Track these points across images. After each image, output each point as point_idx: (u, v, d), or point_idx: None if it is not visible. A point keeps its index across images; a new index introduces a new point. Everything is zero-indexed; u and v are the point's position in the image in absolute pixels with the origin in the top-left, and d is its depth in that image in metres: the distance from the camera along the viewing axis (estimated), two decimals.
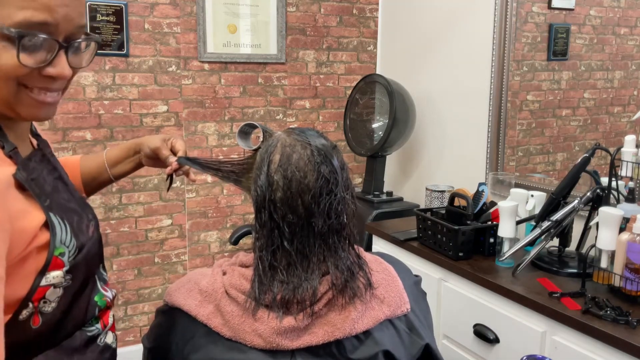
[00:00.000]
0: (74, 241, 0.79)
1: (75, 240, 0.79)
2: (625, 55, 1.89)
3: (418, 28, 2.69)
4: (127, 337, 2.62)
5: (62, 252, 0.77)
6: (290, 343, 0.90)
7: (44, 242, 0.74)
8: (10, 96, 0.73)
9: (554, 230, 1.53)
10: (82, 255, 0.80)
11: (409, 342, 0.98)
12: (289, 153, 0.92)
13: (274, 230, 0.91)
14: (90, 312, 0.88)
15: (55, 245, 0.75)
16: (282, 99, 2.80)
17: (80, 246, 0.80)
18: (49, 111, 0.78)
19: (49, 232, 0.75)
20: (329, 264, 0.92)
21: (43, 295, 0.76)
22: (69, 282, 0.79)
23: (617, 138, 1.92)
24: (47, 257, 0.74)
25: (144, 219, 2.58)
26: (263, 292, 0.90)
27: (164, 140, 1.15)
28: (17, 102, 0.74)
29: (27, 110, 0.76)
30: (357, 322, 0.92)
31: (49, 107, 0.77)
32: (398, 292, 0.99)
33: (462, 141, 2.45)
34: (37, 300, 0.76)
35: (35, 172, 0.78)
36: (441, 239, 1.75)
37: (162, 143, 1.15)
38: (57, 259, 0.76)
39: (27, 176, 0.75)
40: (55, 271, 0.76)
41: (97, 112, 2.44)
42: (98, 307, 0.89)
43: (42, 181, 0.78)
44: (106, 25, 2.38)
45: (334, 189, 0.92)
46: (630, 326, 1.23)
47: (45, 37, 0.70)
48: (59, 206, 0.79)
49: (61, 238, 0.77)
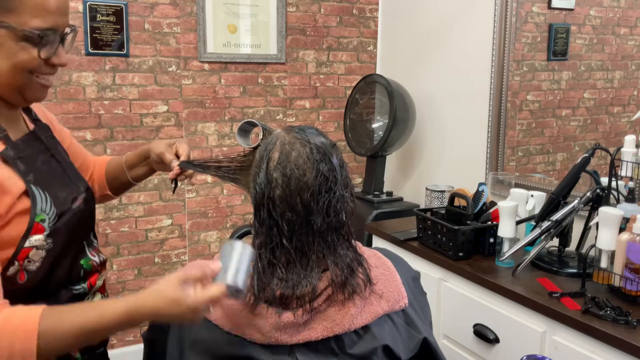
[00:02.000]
0: (54, 209, 0.95)
1: (55, 209, 0.95)
2: (625, 55, 1.89)
3: (418, 28, 2.69)
4: (127, 337, 2.62)
5: (43, 218, 0.93)
6: (289, 338, 0.90)
7: (25, 208, 0.92)
8: (21, 84, 0.94)
9: (554, 230, 1.52)
10: (62, 222, 0.96)
11: (407, 337, 0.98)
12: (288, 151, 0.92)
13: (273, 228, 0.91)
14: (75, 273, 1.03)
15: (36, 213, 0.92)
16: (282, 99, 2.80)
17: (60, 214, 0.96)
18: (46, 93, 1.00)
19: (30, 201, 0.92)
20: (329, 262, 0.92)
21: (27, 255, 0.92)
22: (50, 245, 0.95)
23: (617, 138, 1.92)
24: (29, 222, 0.91)
25: (144, 219, 2.58)
26: (262, 288, 0.90)
27: (168, 145, 1.21)
28: (26, 88, 0.96)
29: (33, 94, 0.97)
30: (356, 318, 0.92)
31: (46, 90, 0.99)
32: (396, 287, 0.99)
33: (462, 141, 2.45)
34: (22, 259, 0.92)
35: (24, 151, 0.96)
36: (441, 239, 1.75)
37: (167, 148, 1.20)
38: (38, 224, 0.92)
39: (14, 155, 0.94)
40: (37, 235, 0.92)
41: (97, 112, 2.44)
42: (84, 269, 1.05)
43: (31, 159, 0.96)
44: (106, 25, 2.38)
45: (333, 186, 0.92)
46: (630, 326, 1.23)
47: (54, 36, 0.94)
48: (43, 180, 0.96)
49: (41, 207, 0.93)
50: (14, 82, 0.94)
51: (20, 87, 0.95)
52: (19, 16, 0.90)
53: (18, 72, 0.93)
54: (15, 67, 0.93)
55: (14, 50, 0.91)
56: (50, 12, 0.92)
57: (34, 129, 1.05)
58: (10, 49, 0.91)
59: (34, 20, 0.91)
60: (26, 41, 0.91)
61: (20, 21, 0.90)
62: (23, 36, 0.91)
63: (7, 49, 0.91)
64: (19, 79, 0.94)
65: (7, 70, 0.93)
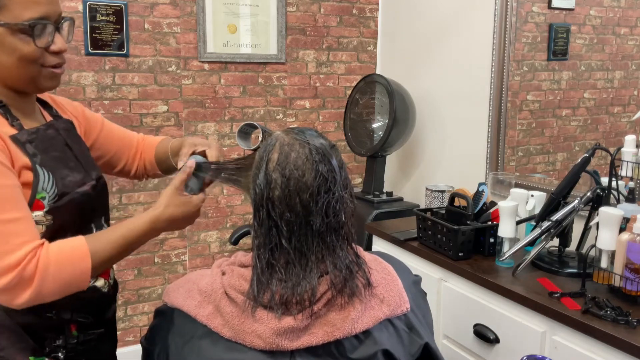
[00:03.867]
0: (55, 189, 1.02)
1: (56, 189, 1.02)
2: (625, 55, 1.89)
3: (418, 28, 2.69)
4: (127, 337, 2.62)
5: (43, 196, 1.01)
6: (290, 343, 0.89)
7: (28, 181, 0.99)
8: (32, 75, 1.01)
9: (554, 230, 1.52)
10: (64, 202, 1.03)
11: (409, 342, 0.97)
12: (287, 152, 0.92)
13: (272, 229, 0.91)
14: None
15: (37, 190, 1.00)
16: (282, 99, 2.80)
17: (61, 194, 1.03)
18: (58, 81, 1.07)
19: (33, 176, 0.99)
20: (328, 263, 0.92)
21: None
22: (50, 222, 1.02)
23: (617, 138, 1.92)
24: (30, 198, 0.99)
25: None
26: (262, 290, 0.90)
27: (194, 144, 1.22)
28: (40, 78, 1.02)
29: (45, 82, 1.04)
30: (357, 322, 0.91)
31: (58, 78, 1.06)
32: (397, 291, 0.99)
33: (462, 141, 2.45)
34: None
35: (36, 139, 1.03)
36: (441, 239, 1.75)
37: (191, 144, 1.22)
38: (38, 201, 1.00)
39: (25, 139, 1.00)
40: (37, 211, 1.00)
41: (97, 111, 2.43)
42: None
43: (41, 145, 1.03)
44: (106, 25, 2.38)
45: (332, 187, 0.92)
46: (630, 326, 1.23)
47: (45, 23, 0.99)
48: (51, 163, 1.03)
49: (43, 185, 1.00)
50: (25, 74, 1.01)
51: (32, 78, 1.02)
52: (11, 11, 0.96)
53: (24, 64, 0.99)
54: (20, 60, 0.99)
55: (15, 45, 0.97)
56: (38, 2, 0.98)
57: (51, 121, 1.12)
58: (11, 45, 0.97)
59: (24, 12, 0.96)
60: (22, 33, 0.97)
61: (13, 16, 0.96)
62: (18, 29, 0.96)
63: (9, 44, 0.97)
64: (28, 71, 1.01)
65: (15, 65, 0.99)
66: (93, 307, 1.13)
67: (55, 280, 0.93)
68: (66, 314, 1.06)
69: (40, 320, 1.03)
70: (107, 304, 1.18)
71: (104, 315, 1.17)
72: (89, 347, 1.12)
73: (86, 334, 1.11)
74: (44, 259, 0.92)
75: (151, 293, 2.66)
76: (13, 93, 1.04)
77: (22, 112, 1.06)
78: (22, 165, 0.99)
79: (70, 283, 0.95)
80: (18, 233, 0.92)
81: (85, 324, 1.11)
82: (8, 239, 0.90)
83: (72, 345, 1.08)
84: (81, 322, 1.10)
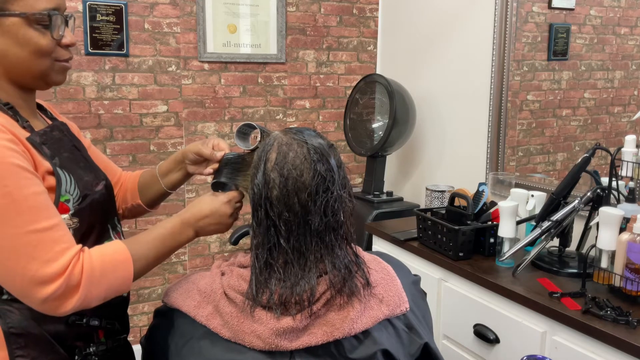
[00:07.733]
0: (78, 191, 1.00)
1: (79, 191, 1.00)
2: (626, 55, 1.89)
3: (418, 28, 2.69)
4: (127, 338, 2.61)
5: (67, 199, 0.98)
6: (289, 344, 0.89)
7: (51, 186, 0.96)
8: (47, 68, 0.98)
9: (554, 231, 1.52)
10: (87, 203, 1.01)
11: (408, 342, 0.97)
12: (286, 151, 0.92)
13: (271, 228, 0.91)
14: None
15: (61, 194, 0.97)
16: (282, 99, 2.80)
17: (84, 195, 1.01)
18: (65, 75, 1.05)
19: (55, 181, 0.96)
20: (327, 262, 0.92)
21: None
22: (77, 225, 0.99)
23: (618, 138, 1.92)
24: (54, 202, 0.95)
25: (144, 219, 2.57)
26: (260, 290, 0.90)
27: (202, 143, 1.19)
28: (51, 72, 1.00)
29: (55, 77, 1.01)
30: (356, 322, 0.91)
31: (66, 72, 1.04)
32: (397, 291, 0.99)
33: (462, 141, 2.45)
34: None
35: (49, 140, 1.00)
36: (441, 239, 1.75)
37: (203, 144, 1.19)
38: (63, 204, 0.97)
39: (39, 140, 0.97)
40: (63, 215, 0.96)
41: (97, 112, 2.44)
42: None
43: (55, 146, 1.01)
44: (106, 25, 2.38)
45: (331, 186, 0.92)
46: (631, 326, 1.22)
47: (59, 15, 0.96)
48: (68, 164, 1.01)
49: (66, 188, 0.98)
50: (37, 68, 0.97)
51: (43, 73, 0.99)
52: (25, 1, 0.93)
53: (37, 57, 0.96)
54: (35, 53, 0.95)
55: (30, 36, 0.94)
56: None
57: (53, 122, 1.10)
58: (26, 36, 0.93)
59: (39, 2, 0.94)
60: (38, 24, 0.94)
61: (28, 5, 0.93)
62: (35, 20, 0.93)
63: (23, 36, 0.93)
64: (41, 65, 0.97)
65: (28, 58, 0.95)
66: (118, 312, 1.11)
67: (101, 285, 0.91)
68: (95, 320, 1.03)
69: (71, 328, 1.00)
70: (126, 309, 1.17)
71: (125, 320, 1.16)
72: (116, 354, 1.10)
73: (114, 340, 1.09)
74: (88, 265, 0.90)
75: (151, 293, 2.66)
76: (18, 91, 1.00)
77: (27, 112, 1.03)
78: (45, 170, 0.96)
79: (115, 287, 0.94)
80: (57, 240, 0.89)
81: (112, 330, 1.09)
82: (50, 247, 0.87)
83: (102, 352, 1.05)
84: (108, 329, 1.08)
